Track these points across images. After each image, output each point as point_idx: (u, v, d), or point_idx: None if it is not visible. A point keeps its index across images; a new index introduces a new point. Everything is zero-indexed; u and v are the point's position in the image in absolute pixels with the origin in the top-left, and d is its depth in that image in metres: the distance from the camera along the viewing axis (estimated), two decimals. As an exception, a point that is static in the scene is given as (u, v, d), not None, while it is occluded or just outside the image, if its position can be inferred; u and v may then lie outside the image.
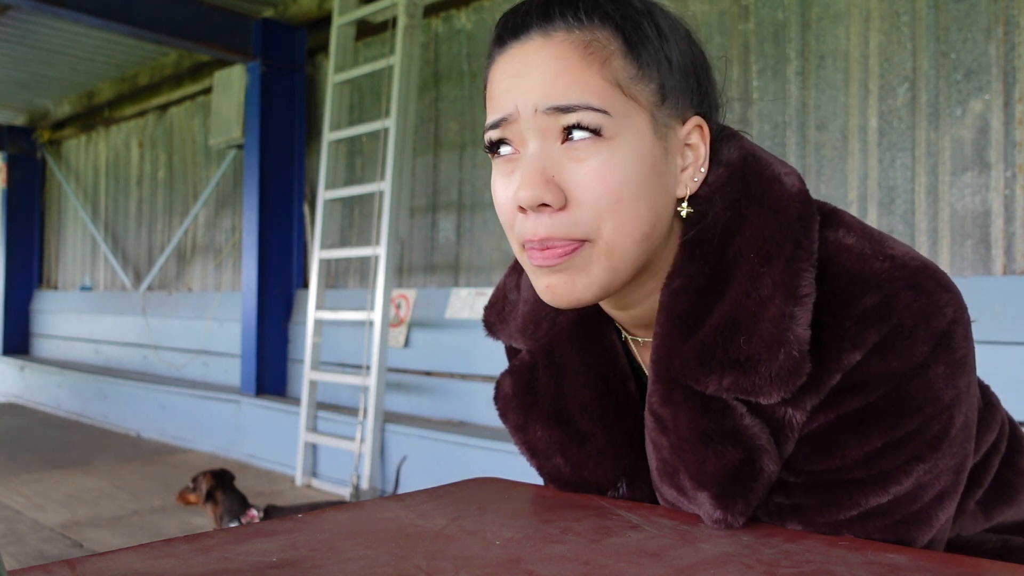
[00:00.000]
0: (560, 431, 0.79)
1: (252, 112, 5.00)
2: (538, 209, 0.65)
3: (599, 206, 0.64)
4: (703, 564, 0.60)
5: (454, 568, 0.60)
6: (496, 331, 0.85)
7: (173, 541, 0.67)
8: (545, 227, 0.65)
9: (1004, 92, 2.62)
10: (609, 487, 0.79)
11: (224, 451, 5.08)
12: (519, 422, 0.81)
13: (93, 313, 7.26)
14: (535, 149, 0.65)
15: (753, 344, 0.64)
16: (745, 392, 0.65)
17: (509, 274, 0.87)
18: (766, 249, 0.66)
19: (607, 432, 0.77)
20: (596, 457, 0.78)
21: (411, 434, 3.88)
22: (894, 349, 0.62)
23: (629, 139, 0.64)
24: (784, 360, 0.63)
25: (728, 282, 0.67)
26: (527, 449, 0.82)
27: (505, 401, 0.83)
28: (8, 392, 7.82)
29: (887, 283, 0.63)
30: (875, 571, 0.58)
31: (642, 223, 0.65)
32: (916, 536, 0.66)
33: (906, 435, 0.63)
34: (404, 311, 4.34)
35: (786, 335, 0.63)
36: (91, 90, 7.04)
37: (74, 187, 7.83)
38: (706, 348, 0.66)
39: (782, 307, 0.64)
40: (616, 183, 0.64)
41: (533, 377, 0.80)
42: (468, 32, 4.29)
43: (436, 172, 4.44)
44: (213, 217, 6.12)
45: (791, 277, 0.64)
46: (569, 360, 0.79)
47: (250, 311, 5.05)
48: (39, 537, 3.33)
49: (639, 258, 0.67)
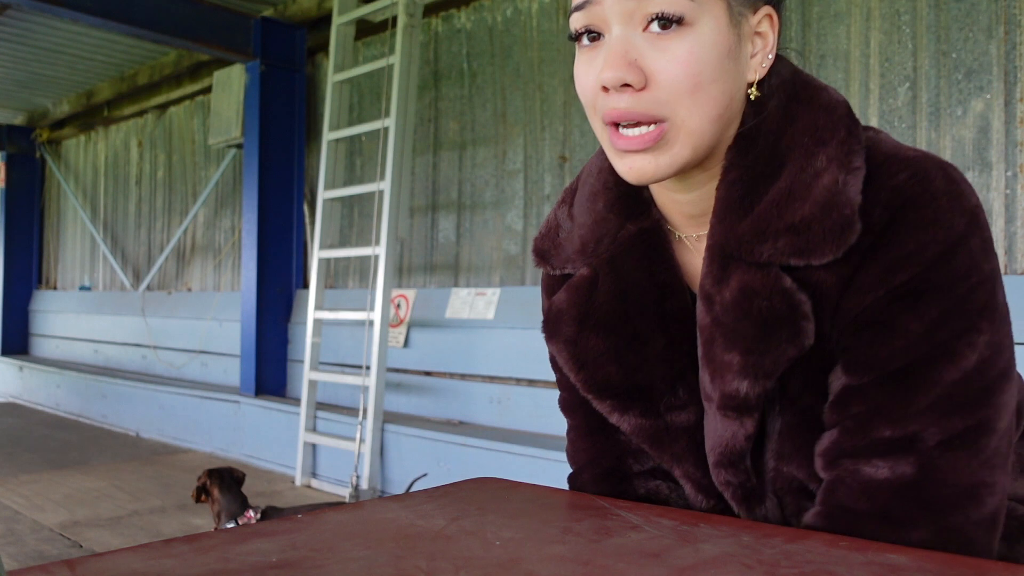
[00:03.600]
0: (616, 338, 0.82)
1: (251, 112, 5.00)
2: (620, 89, 0.69)
3: (678, 88, 0.68)
4: (703, 564, 0.60)
5: (454, 568, 0.60)
6: (549, 257, 0.88)
7: (172, 541, 0.67)
8: (627, 103, 0.69)
9: (1005, 92, 2.62)
10: (664, 391, 0.81)
11: (223, 451, 5.08)
12: (571, 334, 0.83)
13: (92, 313, 7.26)
14: (618, 33, 0.69)
15: (807, 208, 0.69)
16: (799, 253, 0.69)
17: (559, 206, 0.90)
18: (819, 135, 0.72)
19: (666, 335, 0.81)
20: (653, 360, 0.81)
21: (411, 434, 3.88)
22: (937, 221, 0.67)
23: (707, 26, 0.69)
24: (837, 220, 0.68)
25: (783, 166, 0.72)
26: (575, 362, 0.83)
27: (557, 316, 0.85)
28: (7, 392, 7.82)
29: (918, 164, 0.69)
30: (875, 571, 0.58)
31: (717, 104, 0.70)
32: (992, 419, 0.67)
33: (958, 301, 0.67)
34: (404, 311, 4.34)
35: (839, 198, 0.68)
36: (90, 89, 7.03)
37: (73, 187, 7.83)
38: (762, 220, 0.71)
39: (836, 175, 0.69)
40: (695, 67, 0.68)
41: (591, 290, 0.83)
42: (468, 32, 4.28)
43: (436, 172, 4.44)
44: (212, 217, 6.12)
45: (844, 154, 0.71)
46: (631, 269, 0.82)
47: (249, 311, 5.04)
48: (38, 537, 3.33)
49: (714, 137, 0.72)
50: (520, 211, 4.01)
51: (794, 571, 0.59)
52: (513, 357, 3.80)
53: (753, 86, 0.74)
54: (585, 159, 3.75)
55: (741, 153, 0.74)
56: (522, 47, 4.02)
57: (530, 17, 3.99)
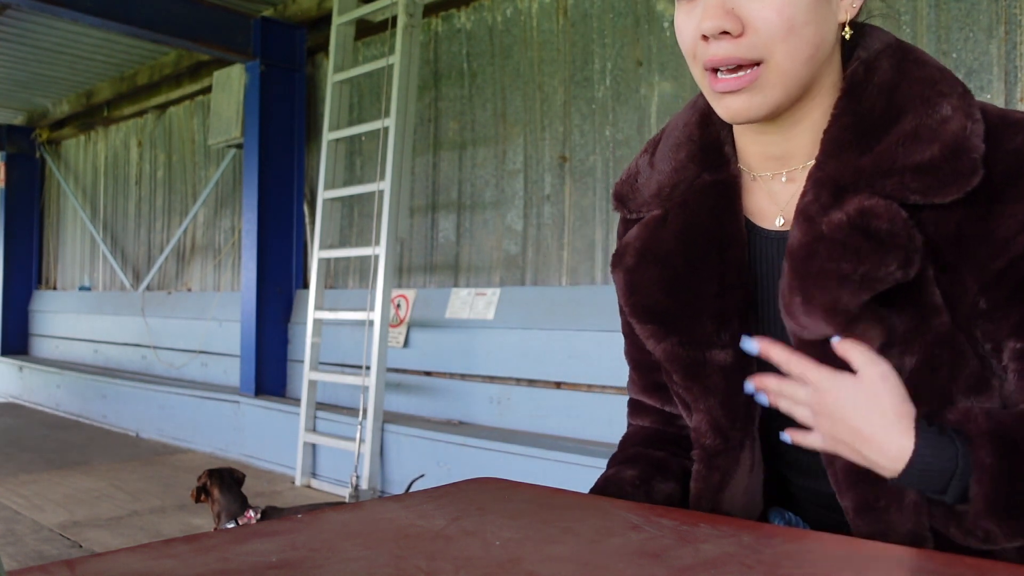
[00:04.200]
0: (672, 272, 0.86)
1: (251, 112, 5.00)
2: (719, 36, 0.74)
3: (774, 32, 0.73)
4: (703, 564, 0.60)
5: (454, 568, 0.60)
6: (627, 202, 0.92)
7: (172, 542, 0.67)
8: (725, 50, 0.74)
9: (1005, 91, 2.62)
10: (709, 330, 0.84)
11: (223, 451, 5.08)
12: (631, 263, 0.88)
13: (92, 313, 7.26)
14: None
15: (936, 149, 0.72)
16: (925, 191, 0.72)
17: (642, 155, 0.94)
18: (939, 88, 0.76)
19: (720, 281, 0.84)
20: (704, 299, 0.84)
21: (411, 434, 3.88)
22: None
23: None
24: (966, 163, 0.71)
25: (903, 111, 0.75)
26: (628, 287, 0.88)
27: (624, 248, 0.90)
28: (7, 392, 7.81)
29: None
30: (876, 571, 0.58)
31: (810, 45, 0.75)
32: None
33: None
34: (404, 311, 4.34)
35: (967, 143, 0.72)
36: (90, 89, 7.03)
37: (73, 187, 7.83)
38: (885, 158, 0.74)
39: (963, 122, 0.73)
40: (788, 11, 0.73)
41: (661, 228, 0.87)
42: (468, 31, 4.28)
43: (436, 172, 4.44)
44: (212, 217, 6.12)
45: (967, 105, 0.74)
46: (700, 214, 0.86)
47: (249, 311, 5.04)
48: (38, 538, 3.33)
49: (808, 77, 0.77)
50: (520, 211, 4.01)
51: (794, 571, 0.58)
52: (513, 357, 3.80)
53: (846, 26, 0.78)
54: (585, 159, 3.75)
55: (853, 100, 0.77)
56: (522, 47, 4.02)
57: (530, 17, 3.99)
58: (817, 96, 0.79)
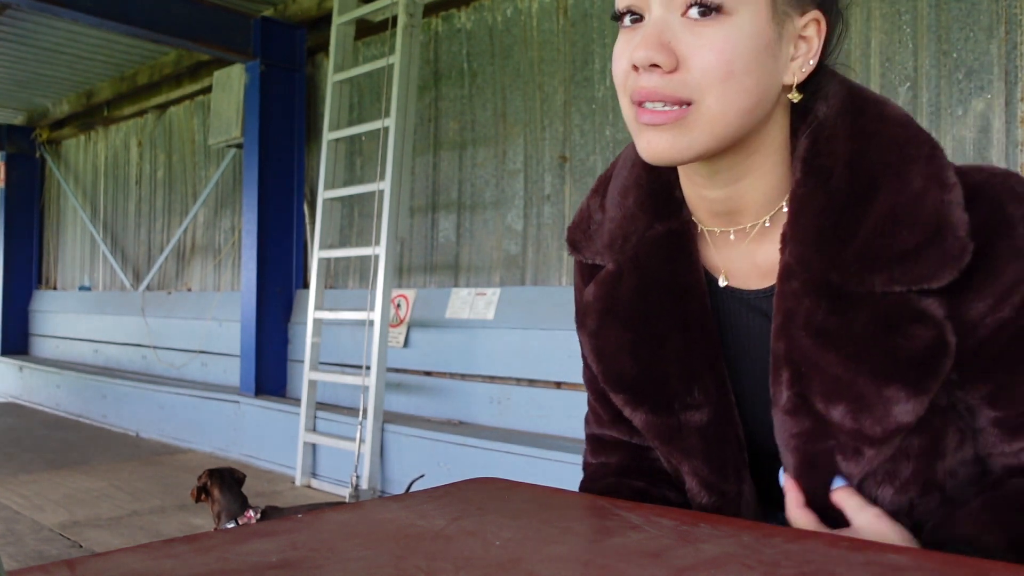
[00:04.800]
0: (634, 334, 0.83)
1: (251, 111, 5.00)
2: (649, 68, 0.69)
3: (709, 73, 0.68)
4: (703, 564, 0.60)
5: (454, 568, 0.60)
6: (581, 248, 0.89)
7: (172, 542, 0.67)
8: (655, 83, 0.69)
9: (1006, 91, 2.62)
10: (679, 390, 0.81)
11: (223, 451, 5.08)
12: (594, 327, 0.85)
13: (92, 313, 7.26)
14: (657, 15, 0.70)
15: (917, 233, 0.69)
16: (917, 280, 0.69)
17: (592, 196, 0.90)
18: (906, 151, 0.71)
19: (685, 337, 0.81)
20: (669, 358, 0.81)
21: (411, 434, 3.88)
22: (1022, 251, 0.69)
23: (747, 16, 0.68)
24: (952, 241, 0.68)
25: (874, 189, 0.71)
26: (596, 354, 0.85)
27: (585, 308, 0.87)
28: (7, 392, 7.81)
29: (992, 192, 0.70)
30: (875, 571, 0.58)
31: (748, 96, 0.69)
32: None
33: None
34: (404, 311, 4.34)
35: (948, 219, 0.68)
36: (90, 89, 7.03)
37: (73, 187, 7.83)
38: (868, 250, 0.70)
39: (938, 195, 0.69)
40: (728, 55, 0.67)
41: (617, 285, 0.84)
42: (468, 31, 4.28)
43: (436, 172, 4.44)
44: (212, 217, 6.12)
45: (938, 170, 0.70)
46: (654, 269, 0.82)
47: (249, 311, 5.04)
48: (38, 537, 3.33)
49: (740, 130, 0.71)
50: (520, 211, 4.01)
51: (794, 571, 0.58)
52: (513, 357, 3.80)
53: (793, 90, 0.73)
54: (585, 159, 3.75)
55: (817, 174, 0.73)
56: (522, 47, 4.02)
57: (530, 17, 3.99)
58: (759, 154, 0.75)
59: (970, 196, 0.69)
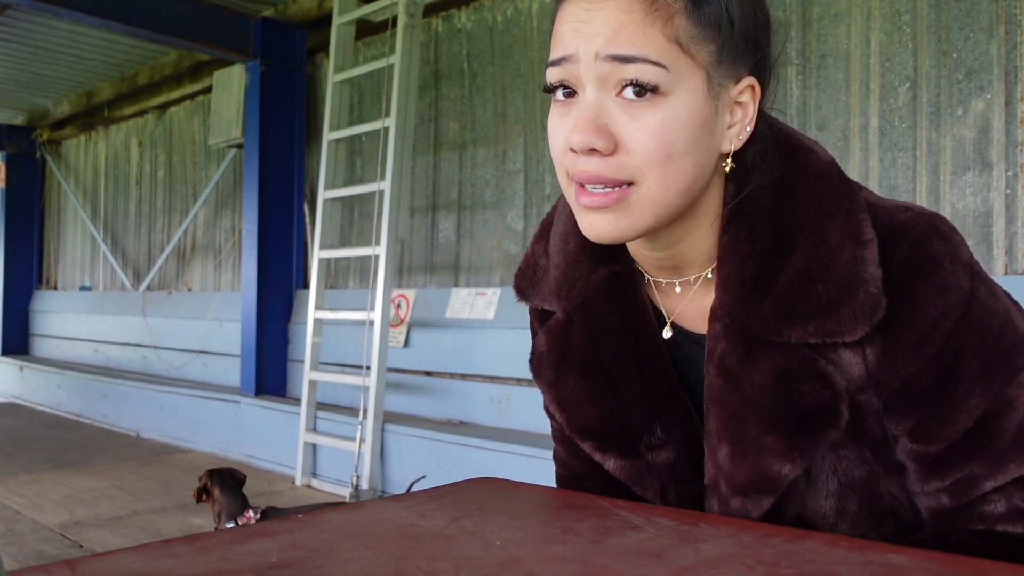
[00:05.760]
0: (592, 381, 0.82)
1: (252, 112, 5.00)
2: (588, 153, 0.68)
3: (648, 156, 0.67)
4: (703, 564, 0.60)
5: (454, 568, 0.60)
6: (529, 295, 0.90)
7: (173, 541, 0.67)
8: (595, 167, 0.68)
9: (1006, 91, 2.62)
10: (643, 432, 0.81)
11: (224, 451, 5.08)
12: (552, 378, 0.85)
13: (92, 313, 7.26)
14: (592, 96, 0.68)
15: (831, 288, 0.69)
16: (830, 334, 0.70)
17: (536, 241, 0.90)
18: (824, 207, 0.72)
19: (641, 379, 0.81)
20: (630, 403, 0.81)
21: (411, 434, 3.88)
22: (947, 287, 0.69)
23: (683, 96, 0.67)
24: (864, 297, 0.68)
25: (793, 242, 0.72)
26: (558, 404, 0.85)
27: (539, 359, 0.86)
28: (7, 392, 7.82)
29: (914, 231, 0.70)
30: (875, 571, 0.58)
31: (687, 176, 0.69)
32: None
33: (993, 353, 0.69)
34: (404, 311, 4.34)
35: (861, 275, 0.69)
36: (90, 89, 7.03)
37: (73, 187, 7.83)
38: (784, 302, 0.71)
39: (853, 252, 0.70)
40: (667, 139, 0.67)
41: (567, 334, 0.84)
42: (468, 31, 4.28)
43: (436, 172, 4.44)
44: (213, 217, 6.12)
45: (854, 226, 0.71)
46: (603, 314, 0.82)
47: (250, 311, 5.04)
48: (38, 537, 3.33)
49: (681, 207, 0.71)
50: (520, 211, 4.01)
51: (794, 571, 0.58)
52: (513, 357, 3.80)
53: (729, 158, 0.73)
54: (585, 159, 3.75)
55: (739, 226, 0.74)
56: (522, 47, 4.02)
57: (530, 17, 3.99)
58: (696, 218, 0.75)
59: (893, 236, 0.70)
